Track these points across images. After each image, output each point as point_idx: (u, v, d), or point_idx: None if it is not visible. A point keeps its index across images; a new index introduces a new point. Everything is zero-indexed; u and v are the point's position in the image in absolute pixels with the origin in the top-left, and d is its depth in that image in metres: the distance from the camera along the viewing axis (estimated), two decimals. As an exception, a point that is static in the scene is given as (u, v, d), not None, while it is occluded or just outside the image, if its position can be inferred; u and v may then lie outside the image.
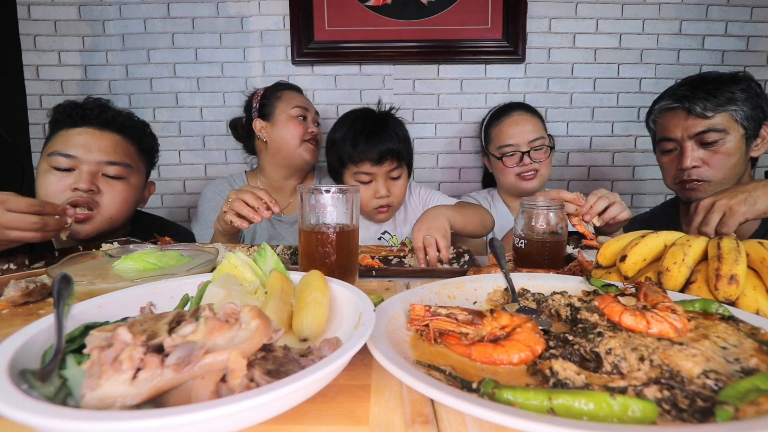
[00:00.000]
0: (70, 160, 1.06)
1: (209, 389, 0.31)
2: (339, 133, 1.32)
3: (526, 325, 0.46)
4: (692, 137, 1.14)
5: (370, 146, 1.25)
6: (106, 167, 1.10)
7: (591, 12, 1.77)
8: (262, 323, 0.34)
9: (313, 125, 1.44)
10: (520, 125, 1.44)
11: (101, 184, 1.10)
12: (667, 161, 1.23)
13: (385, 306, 0.51)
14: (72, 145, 1.07)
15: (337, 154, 1.31)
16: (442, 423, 0.35)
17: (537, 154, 1.44)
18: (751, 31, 1.78)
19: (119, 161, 1.12)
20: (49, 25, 1.78)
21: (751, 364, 0.37)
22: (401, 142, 1.30)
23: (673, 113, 1.18)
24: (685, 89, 1.15)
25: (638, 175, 1.89)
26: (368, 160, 1.26)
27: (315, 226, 0.70)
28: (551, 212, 0.81)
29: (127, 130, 1.15)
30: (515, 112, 1.48)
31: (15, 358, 0.34)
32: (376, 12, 1.74)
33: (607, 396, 0.31)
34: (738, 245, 0.57)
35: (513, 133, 1.44)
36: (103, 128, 1.11)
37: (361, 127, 1.28)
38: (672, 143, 1.20)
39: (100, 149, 1.09)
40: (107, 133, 1.11)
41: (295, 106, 1.42)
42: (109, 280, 0.63)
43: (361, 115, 1.33)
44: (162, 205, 1.91)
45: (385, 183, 1.31)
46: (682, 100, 1.14)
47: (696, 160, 1.15)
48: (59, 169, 1.06)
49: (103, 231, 1.12)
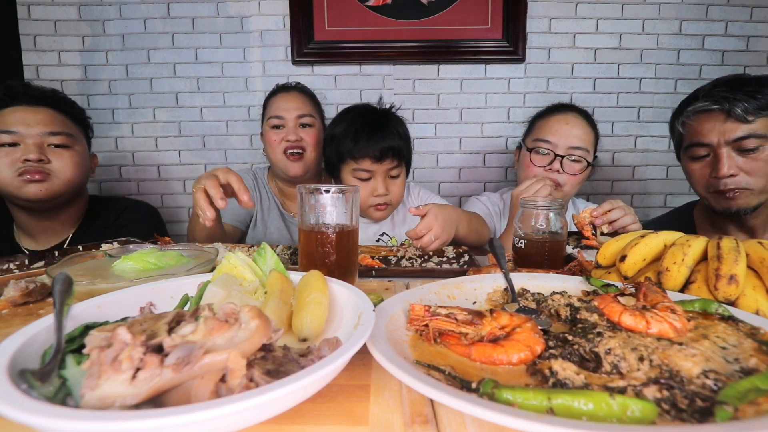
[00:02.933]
0: (12, 135, 1.11)
1: (209, 389, 0.31)
2: (339, 128, 1.27)
3: (526, 325, 0.46)
4: (730, 143, 1.03)
5: (371, 143, 1.22)
6: (49, 138, 1.15)
7: (591, 12, 1.77)
8: (261, 323, 0.34)
9: (294, 132, 1.36)
10: (569, 125, 1.30)
11: (50, 155, 1.15)
12: (697, 168, 1.11)
13: (385, 306, 0.51)
14: (10, 123, 1.12)
15: (336, 149, 1.27)
16: (441, 423, 0.35)
17: (571, 165, 1.28)
18: (751, 31, 1.78)
19: (61, 131, 1.17)
20: (49, 25, 1.78)
21: (750, 364, 0.37)
22: (402, 141, 1.27)
23: (708, 116, 1.06)
24: (723, 90, 1.04)
25: (638, 175, 1.89)
26: (369, 157, 1.22)
27: (315, 226, 0.70)
28: (551, 212, 0.81)
29: (58, 104, 1.20)
30: (570, 112, 1.33)
31: (15, 358, 0.34)
32: (376, 12, 1.74)
33: (607, 396, 0.31)
34: (738, 245, 0.57)
35: (556, 131, 1.29)
36: (36, 104, 1.16)
37: (362, 123, 1.24)
38: (705, 149, 1.08)
39: (38, 122, 1.14)
40: (41, 108, 1.16)
41: (272, 116, 1.38)
42: (109, 280, 0.63)
43: (362, 112, 1.30)
44: (162, 205, 1.91)
45: (383, 181, 1.27)
46: (721, 102, 1.03)
47: (733, 168, 1.03)
48: (3, 146, 1.11)
49: (63, 193, 1.18)
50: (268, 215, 1.49)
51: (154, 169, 1.89)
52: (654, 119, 1.84)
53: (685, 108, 1.11)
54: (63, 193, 1.18)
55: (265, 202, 1.49)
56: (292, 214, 1.49)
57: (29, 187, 1.12)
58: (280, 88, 1.45)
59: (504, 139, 1.87)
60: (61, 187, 1.17)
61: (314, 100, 1.47)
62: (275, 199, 1.49)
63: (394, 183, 1.30)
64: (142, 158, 1.88)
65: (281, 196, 1.51)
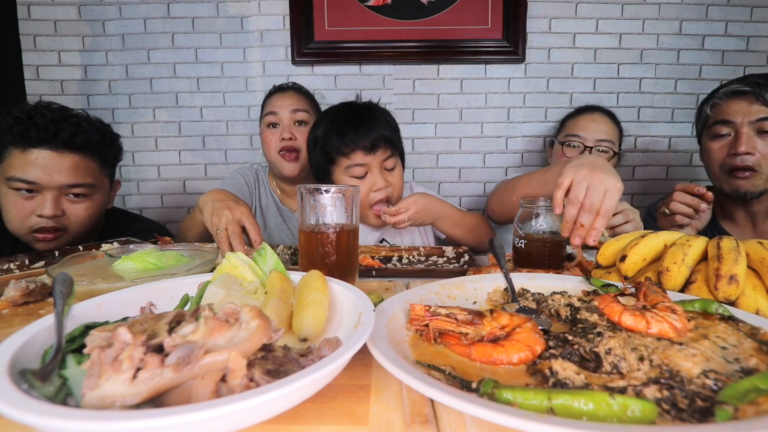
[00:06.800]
0: (30, 185, 1.02)
1: (209, 389, 0.31)
2: (320, 130, 1.20)
3: (526, 325, 0.46)
4: (752, 123, 1.13)
5: (360, 134, 1.14)
6: (68, 190, 1.06)
7: (591, 12, 1.77)
8: (261, 323, 0.34)
9: (289, 130, 1.35)
10: (596, 122, 1.47)
11: (65, 206, 1.07)
12: (716, 147, 1.21)
13: (385, 306, 0.51)
14: (31, 171, 1.02)
15: (323, 150, 1.19)
16: (441, 423, 0.35)
17: (599, 155, 1.43)
18: (751, 31, 1.78)
19: (82, 182, 1.07)
20: (49, 25, 1.78)
21: (750, 364, 0.37)
22: (392, 129, 1.20)
23: (739, 97, 1.16)
24: (757, 78, 1.15)
25: (638, 175, 1.89)
26: (360, 149, 1.14)
27: (315, 226, 0.70)
28: (551, 212, 0.81)
29: (87, 148, 1.08)
30: (597, 112, 1.51)
31: (15, 358, 0.34)
32: (376, 12, 1.74)
33: (607, 396, 0.31)
34: (738, 245, 0.57)
35: (585, 127, 1.47)
36: (62, 150, 1.04)
37: (345, 117, 1.17)
38: (727, 128, 1.18)
39: (60, 173, 1.04)
40: (67, 155, 1.05)
41: (267, 113, 1.37)
42: (109, 280, 0.64)
43: (342, 108, 1.23)
44: (162, 205, 1.92)
45: (381, 173, 1.19)
46: (753, 86, 1.14)
47: (751, 146, 1.13)
48: (20, 191, 1.03)
49: (72, 242, 1.11)
50: (267, 212, 1.50)
51: (154, 169, 1.89)
52: (654, 119, 1.84)
53: (718, 91, 1.22)
54: (73, 242, 1.11)
55: (264, 199, 1.50)
56: (293, 211, 1.49)
57: (39, 244, 1.07)
58: (276, 88, 1.46)
59: (504, 139, 1.87)
60: (71, 240, 1.11)
61: (310, 99, 1.46)
62: (274, 196, 1.50)
63: (393, 175, 1.22)
64: (142, 158, 1.88)
65: (280, 192, 1.52)
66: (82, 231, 1.12)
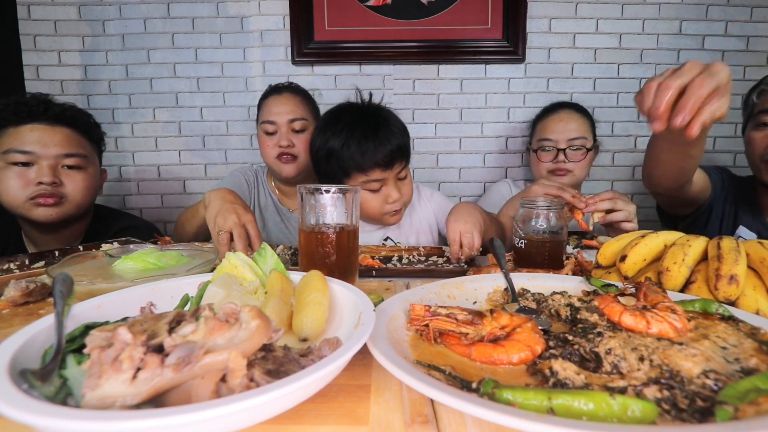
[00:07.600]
0: (27, 155, 1.09)
1: (209, 389, 0.31)
2: (336, 141, 1.15)
3: (526, 325, 0.46)
4: None
5: (379, 151, 1.12)
6: (64, 159, 1.14)
7: (591, 12, 1.77)
8: (262, 323, 0.34)
9: (287, 137, 1.34)
10: (563, 122, 1.48)
11: (63, 177, 1.15)
12: (759, 136, 1.20)
13: (385, 306, 0.51)
14: (26, 142, 1.10)
15: (340, 164, 1.15)
16: (441, 423, 0.35)
17: (573, 154, 1.47)
18: (751, 31, 1.78)
19: (76, 152, 1.16)
20: (49, 25, 1.78)
21: (750, 364, 0.37)
22: (403, 136, 1.18)
23: None
24: None
25: (638, 175, 1.89)
26: (379, 167, 1.13)
27: (315, 226, 0.70)
28: (551, 212, 0.81)
29: (76, 124, 1.19)
30: (563, 110, 1.52)
31: (15, 358, 0.34)
32: (376, 12, 1.74)
33: (607, 396, 0.31)
34: (738, 245, 0.57)
35: (554, 129, 1.49)
36: (54, 123, 1.14)
37: (362, 131, 1.14)
38: None
39: (55, 143, 1.12)
40: (59, 128, 1.14)
41: (264, 121, 1.36)
42: (109, 280, 0.63)
43: (354, 118, 1.18)
44: (162, 205, 1.92)
45: (395, 186, 1.19)
46: None
47: None
48: (16, 164, 1.10)
49: (72, 215, 1.18)
50: (265, 211, 1.50)
51: (154, 169, 1.89)
52: (654, 119, 1.84)
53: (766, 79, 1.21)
54: (72, 215, 1.17)
55: (262, 199, 1.51)
56: (291, 210, 1.50)
57: (39, 210, 1.11)
58: (272, 89, 1.43)
59: (504, 139, 1.87)
60: (71, 210, 1.16)
61: (308, 100, 1.44)
62: (272, 196, 1.51)
63: (404, 184, 1.23)
64: (142, 158, 1.88)
65: (279, 192, 1.52)
66: (82, 201, 1.19)
